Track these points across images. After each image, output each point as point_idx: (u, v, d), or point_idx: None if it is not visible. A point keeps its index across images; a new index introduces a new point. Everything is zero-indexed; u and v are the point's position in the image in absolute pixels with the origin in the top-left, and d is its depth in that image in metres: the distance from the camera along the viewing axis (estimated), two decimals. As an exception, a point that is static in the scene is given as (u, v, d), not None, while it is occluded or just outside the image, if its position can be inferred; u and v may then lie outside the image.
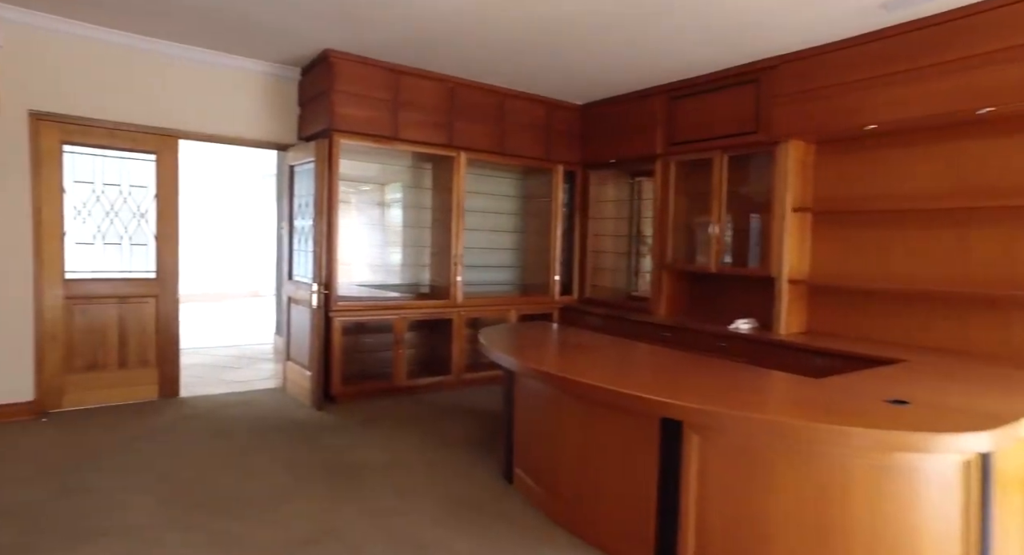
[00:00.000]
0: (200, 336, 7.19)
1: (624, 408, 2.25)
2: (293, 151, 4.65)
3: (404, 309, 4.67)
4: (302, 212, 4.62)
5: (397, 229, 5.18)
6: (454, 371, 4.95)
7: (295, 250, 4.76)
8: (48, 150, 3.91)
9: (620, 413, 2.32)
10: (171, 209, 4.35)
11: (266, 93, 4.56)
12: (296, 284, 4.64)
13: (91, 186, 4.10)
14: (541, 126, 5.22)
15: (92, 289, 4.10)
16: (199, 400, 4.43)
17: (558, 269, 5.52)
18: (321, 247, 4.19)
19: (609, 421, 2.40)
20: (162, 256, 4.34)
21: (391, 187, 5.16)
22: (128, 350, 4.25)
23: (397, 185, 5.15)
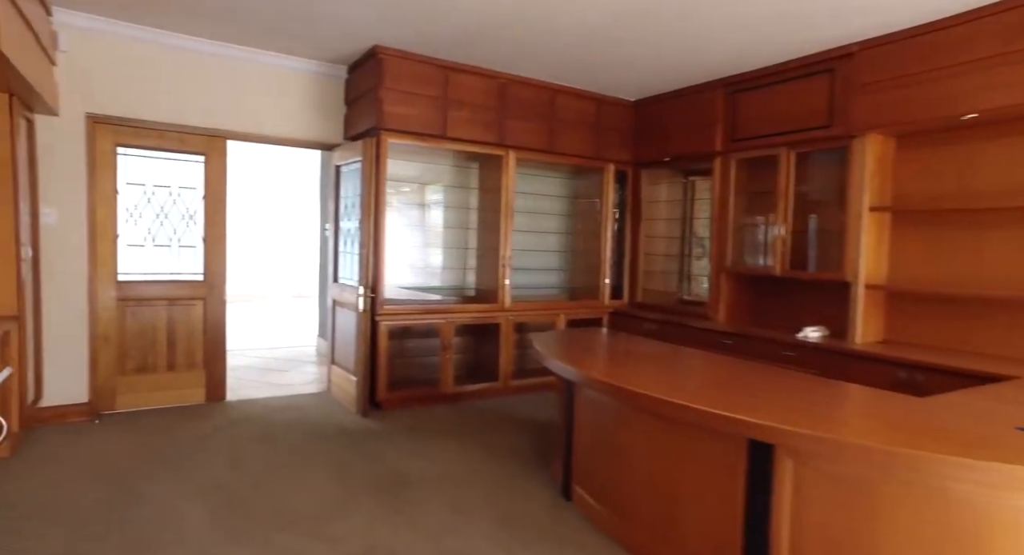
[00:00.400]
0: (244, 337, 7.23)
1: (705, 427, 2.04)
2: (339, 151, 4.58)
3: (451, 313, 4.54)
4: (348, 213, 4.53)
5: (440, 230, 5.06)
6: (501, 378, 4.80)
7: (340, 252, 4.68)
8: (103, 152, 3.91)
9: (699, 431, 2.12)
10: (219, 211, 4.31)
11: (313, 92, 4.49)
12: (341, 287, 4.56)
13: (142, 188, 4.09)
14: (591, 123, 5.03)
15: (142, 291, 4.09)
16: (245, 404, 4.38)
17: (608, 272, 5.32)
18: (367, 249, 4.09)
19: (686, 439, 2.19)
20: (210, 258, 4.31)
21: (433, 187, 5.03)
22: (176, 352, 4.23)
23: (439, 185, 5.03)
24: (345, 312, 4.48)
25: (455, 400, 4.63)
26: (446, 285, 5.08)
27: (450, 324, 4.51)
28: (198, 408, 4.22)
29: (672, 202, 5.44)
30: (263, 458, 3.32)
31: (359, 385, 4.16)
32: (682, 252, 5.43)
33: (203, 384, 4.33)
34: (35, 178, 3.63)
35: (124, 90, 3.87)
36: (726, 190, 4.48)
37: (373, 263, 4.15)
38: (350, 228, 4.47)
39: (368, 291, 4.09)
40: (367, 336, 4.13)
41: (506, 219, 4.74)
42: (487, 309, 4.72)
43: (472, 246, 5.13)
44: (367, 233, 4.09)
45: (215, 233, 4.31)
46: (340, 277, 4.67)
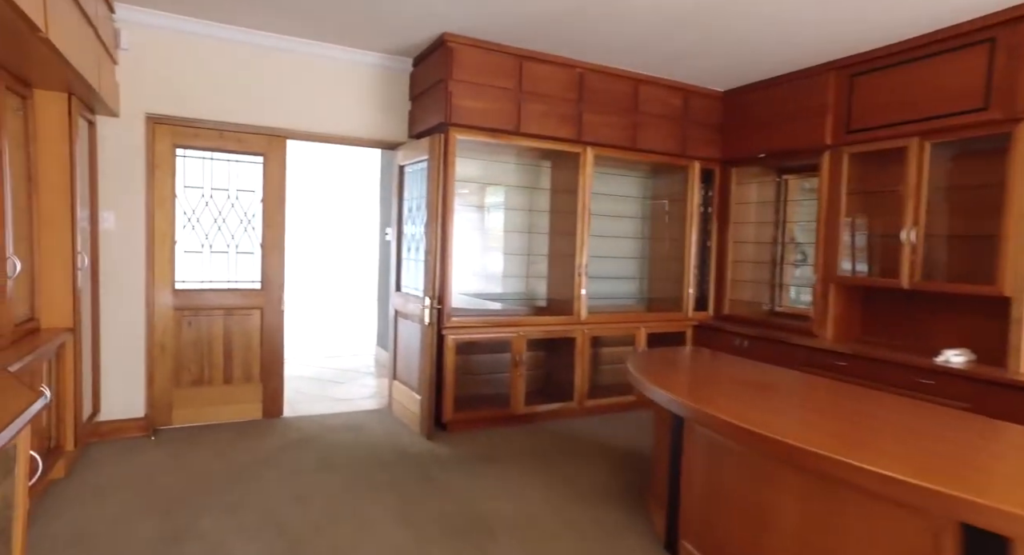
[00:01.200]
0: (301, 346, 7.05)
1: (884, 495, 1.56)
2: (403, 150, 4.26)
3: (522, 326, 4.14)
4: (412, 217, 4.21)
5: (505, 234, 4.66)
6: (576, 397, 4.37)
7: (403, 259, 4.35)
8: (161, 154, 3.72)
9: (875, 500, 1.64)
10: (278, 214, 4.06)
11: (376, 88, 4.19)
12: (404, 296, 4.23)
13: (200, 191, 3.88)
14: (677, 117, 4.54)
15: (199, 300, 3.88)
16: (304, 421, 4.11)
17: (692, 281, 4.81)
18: (434, 256, 3.74)
19: (854, 507, 1.71)
20: (267, 265, 4.06)
21: (496, 188, 4.64)
22: (233, 365, 4.00)
23: (504, 186, 4.64)
24: (408, 324, 4.15)
25: (526, 421, 4.22)
26: (512, 294, 4.69)
27: (521, 338, 4.12)
28: (255, 425, 3.97)
29: (763, 204, 4.88)
30: (324, 491, 3.00)
31: (424, 405, 3.81)
32: (773, 259, 4.86)
33: (260, 399, 4.09)
34: (95, 182, 3.45)
35: (184, 89, 3.66)
36: (836, 189, 3.91)
37: (440, 271, 3.80)
38: (414, 233, 4.14)
39: (434, 302, 3.74)
40: (432, 351, 3.78)
41: (583, 223, 4.31)
42: (561, 322, 4.30)
43: (542, 252, 4.73)
44: (433, 239, 3.74)
45: (273, 238, 4.06)
46: (403, 286, 4.34)
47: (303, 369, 5.73)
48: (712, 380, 2.71)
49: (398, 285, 4.39)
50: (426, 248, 3.81)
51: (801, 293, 4.76)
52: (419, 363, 3.90)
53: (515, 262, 4.70)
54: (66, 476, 3.04)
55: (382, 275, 6.24)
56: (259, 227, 4.03)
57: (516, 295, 4.70)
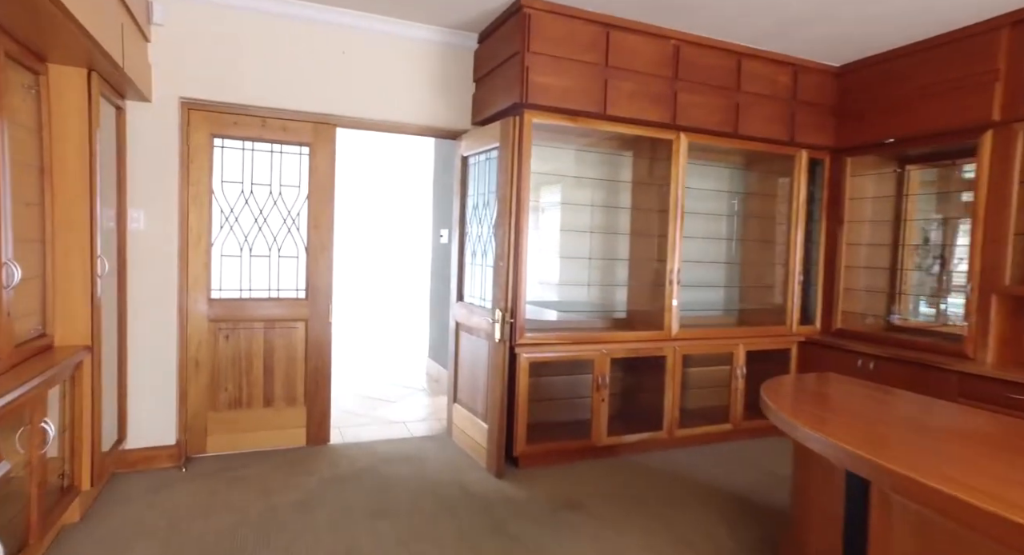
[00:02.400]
0: (348, 359, 6.59)
1: None
2: (467, 139, 3.71)
3: (606, 343, 3.53)
4: (477, 216, 3.65)
5: (575, 235, 4.05)
6: (666, 425, 3.73)
7: (466, 264, 3.80)
8: (197, 145, 3.26)
9: None
10: (324, 214, 3.56)
11: (435, 68, 3.66)
12: (468, 308, 3.67)
13: (238, 187, 3.41)
14: (784, 98, 3.86)
15: (238, 310, 3.40)
16: (353, 449, 3.59)
17: (797, 290, 4.11)
18: (506, 261, 3.17)
19: None
20: (313, 271, 3.56)
21: (568, 182, 4.03)
22: (274, 384, 3.51)
23: (578, 179, 4.03)
24: (472, 339, 3.59)
25: (609, 454, 3.61)
26: (585, 304, 4.08)
27: (605, 357, 3.50)
28: (299, 454, 3.47)
29: (880, 199, 4.15)
30: (379, 544, 2.45)
31: (493, 436, 3.24)
32: (894, 264, 4.13)
33: (304, 423, 3.58)
34: (123, 177, 3.01)
35: (223, 69, 3.19)
36: (1005, 177, 3.17)
37: (513, 280, 3.23)
38: (480, 234, 3.58)
39: (507, 315, 3.17)
40: (503, 374, 3.20)
41: (675, 222, 3.68)
42: (650, 337, 3.66)
43: (620, 255, 4.10)
44: (505, 241, 3.17)
45: (319, 240, 3.56)
46: (466, 295, 3.79)
47: (351, 385, 5.24)
48: (893, 423, 2.04)
49: (460, 294, 3.84)
50: (496, 252, 3.25)
51: (927, 303, 4.01)
52: (486, 385, 3.33)
53: (588, 268, 4.08)
54: (81, 520, 2.58)
55: (435, 281, 5.71)
56: (304, 227, 3.54)
57: (589, 305, 4.09)
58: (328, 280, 3.60)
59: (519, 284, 3.26)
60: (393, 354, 6.76)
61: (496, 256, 3.25)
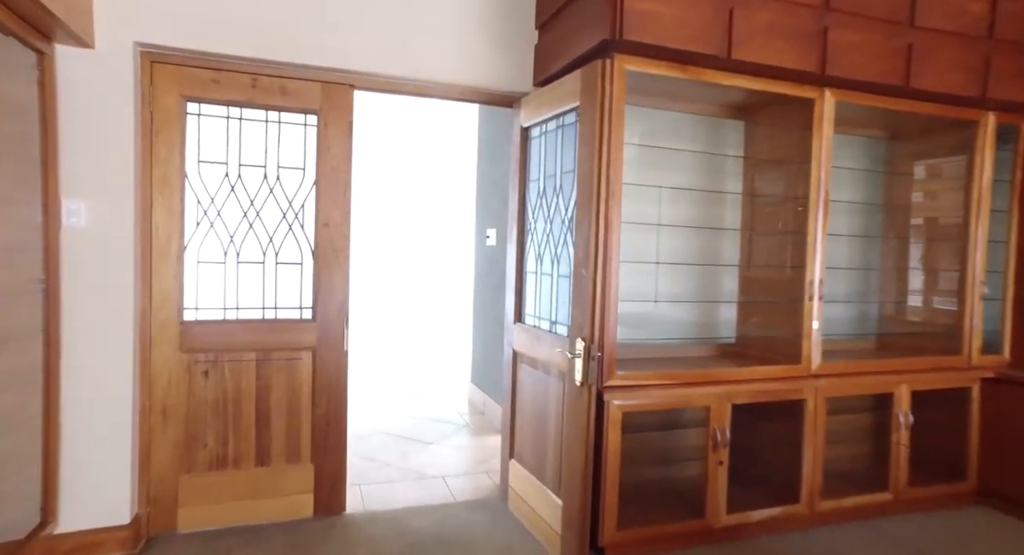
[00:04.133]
0: (371, 384, 5.70)
1: None
2: (528, 105, 2.75)
3: (725, 382, 2.50)
4: (543, 208, 2.68)
5: (659, 232, 3.01)
6: (805, 496, 2.67)
7: (527, 272, 2.83)
8: (165, 111, 2.39)
9: None
10: (339, 206, 2.65)
11: (487, 8, 2.72)
12: (531, 333, 2.70)
13: (222, 169, 2.52)
14: (976, 35, 2.76)
15: (221, 337, 2.51)
16: (376, 523, 2.65)
17: (978, 306, 3.00)
18: (591, 269, 2.19)
19: None
20: (323, 282, 2.64)
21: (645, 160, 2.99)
22: (271, 436, 2.60)
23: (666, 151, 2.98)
24: (537, 376, 2.62)
25: (729, 537, 2.57)
26: (676, 324, 3.04)
27: (724, 403, 2.48)
28: (303, 530, 2.55)
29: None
30: None
31: (573, 522, 2.25)
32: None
33: (310, 487, 2.66)
34: (51, 152, 2.15)
35: (199, 5, 2.32)
36: None
37: (601, 296, 2.23)
38: (549, 232, 2.61)
39: (592, 347, 2.19)
40: (589, 430, 2.22)
41: (818, 215, 2.64)
42: (782, 374, 2.62)
43: (727, 260, 3.07)
44: (590, 241, 2.19)
45: (332, 242, 2.64)
46: (527, 314, 2.81)
47: (375, 419, 4.33)
48: None
49: (518, 313, 2.87)
50: (576, 256, 2.27)
51: None
52: (557, 442, 2.36)
53: (677, 276, 3.04)
54: None
55: (480, 291, 4.77)
56: (310, 225, 2.63)
57: (682, 328, 3.05)
58: (343, 294, 2.68)
59: (608, 302, 2.26)
60: (428, 379, 5.83)
61: (575, 262, 2.28)
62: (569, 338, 2.30)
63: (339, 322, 2.68)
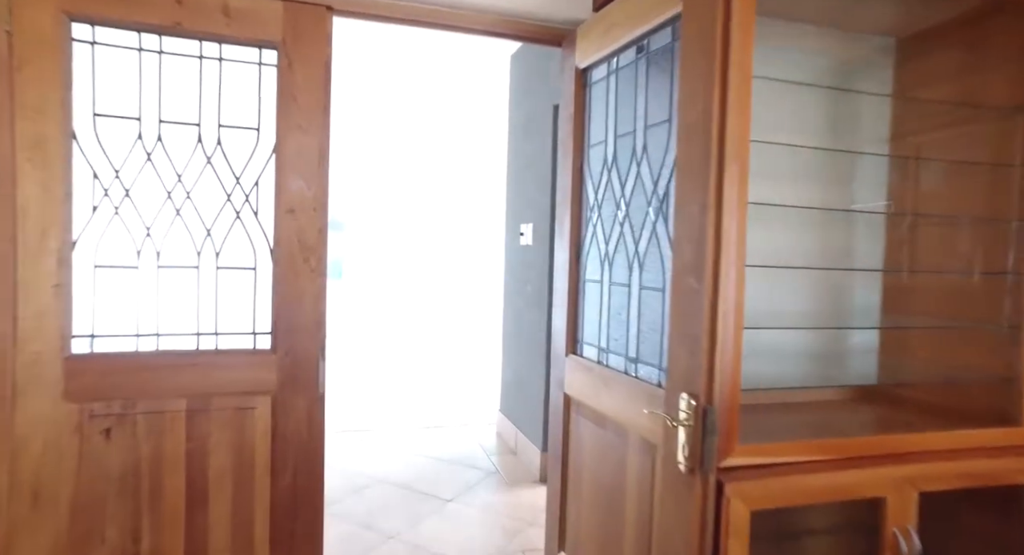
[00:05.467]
0: (374, 411, 4.89)
1: None
2: (586, 36, 1.87)
3: (909, 459, 1.58)
4: (614, 181, 1.79)
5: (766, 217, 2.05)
6: (1023, 632, 1.72)
7: (584, 282, 1.93)
8: (33, 33, 1.57)
9: None
10: (313, 183, 1.81)
11: None
12: (597, 374, 1.80)
13: (132, 127, 1.69)
14: None
15: (131, 378, 1.68)
16: (362, 655, 1.80)
17: None
18: (708, 281, 1.30)
19: None
20: (288, 294, 1.80)
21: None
22: (207, 524, 1.76)
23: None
24: (607, 440, 1.73)
25: None
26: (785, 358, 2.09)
27: (908, 492, 1.55)
28: None
29: None
30: None
31: None
32: None
33: (271, 598, 1.82)
34: None
35: None
36: None
37: (720, 322, 1.33)
38: (624, 219, 1.71)
39: (699, 406, 1.29)
40: (701, 541, 1.32)
41: (1048, 189, 1.69)
42: (992, 443, 1.68)
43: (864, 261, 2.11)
44: (705, 233, 1.30)
45: (302, 235, 1.80)
46: (585, 342, 1.92)
47: (378, 460, 3.49)
48: None
49: (573, 341, 1.97)
50: (678, 258, 1.38)
51: None
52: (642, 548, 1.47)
53: (784, 284, 2.09)
54: None
55: (511, 301, 3.90)
56: (268, 211, 1.79)
57: (794, 357, 2.10)
58: (318, 311, 1.83)
59: (730, 332, 1.35)
60: (446, 404, 4.98)
61: (677, 267, 1.38)
62: (666, 390, 1.41)
63: (311, 353, 1.83)
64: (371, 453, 3.55)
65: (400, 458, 3.50)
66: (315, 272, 1.83)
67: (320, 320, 1.85)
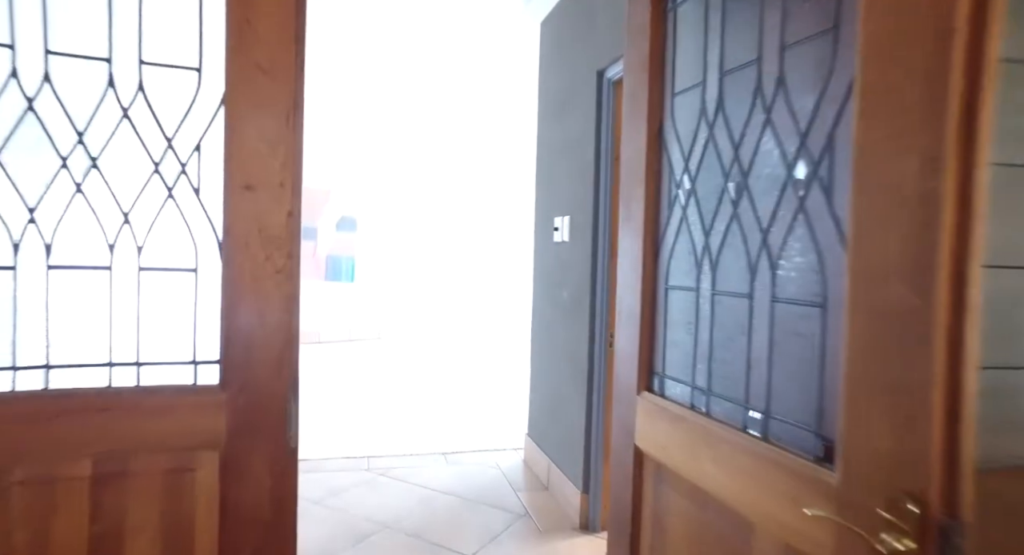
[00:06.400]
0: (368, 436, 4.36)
1: None
2: (673, -71, 1.29)
3: None
4: (716, 139, 1.21)
5: None
6: None
7: (667, 289, 1.35)
8: None
9: None
10: (276, 146, 1.26)
11: None
12: (692, 425, 1.23)
13: (4, 58, 1.16)
14: None
15: (9, 429, 1.15)
16: None
17: None
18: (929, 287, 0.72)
19: None
20: (245, 308, 1.25)
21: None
22: (129, 639, 1.23)
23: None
24: (715, 530, 1.14)
25: None
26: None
27: None
28: None
29: None
30: None
31: None
32: None
33: None
34: None
35: None
36: None
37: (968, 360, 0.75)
38: (744, 193, 1.13)
39: (935, 515, 0.70)
40: None
41: None
42: None
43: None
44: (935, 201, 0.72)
45: (260, 221, 1.26)
46: (667, 376, 1.34)
47: (385, 494, 2.94)
48: None
49: (648, 373, 1.39)
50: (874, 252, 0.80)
51: None
52: None
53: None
54: None
55: (541, 308, 3.34)
56: (215, 187, 1.25)
57: None
58: (287, 330, 1.29)
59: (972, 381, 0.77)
60: (465, 424, 4.42)
61: (864, 269, 0.80)
62: (841, 477, 0.83)
63: (277, 389, 1.29)
64: (378, 488, 3.01)
65: (412, 495, 2.95)
66: (283, 274, 1.29)
67: (290, 342, 1.30)
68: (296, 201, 1.30)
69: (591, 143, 2.62)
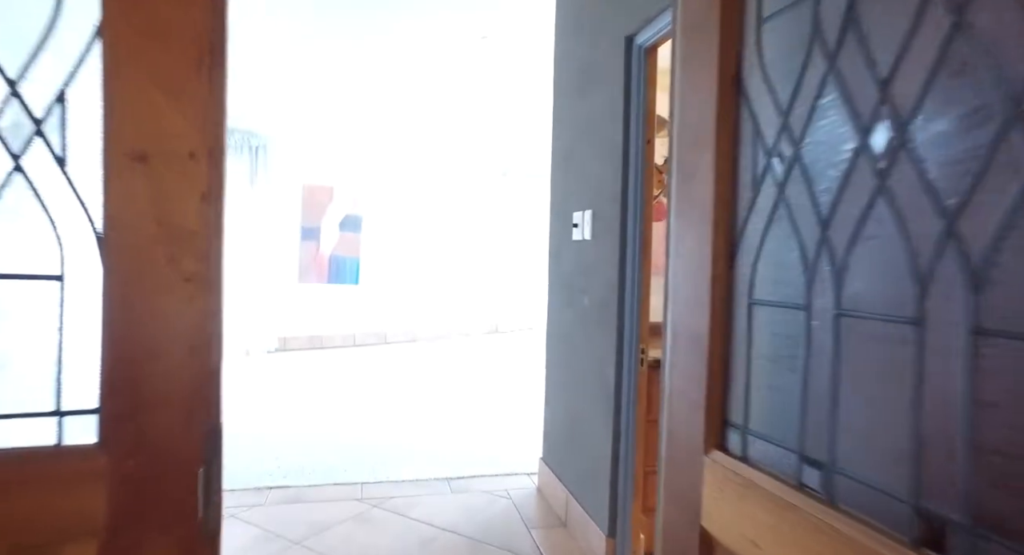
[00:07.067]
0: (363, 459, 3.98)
1: None
2: None
3: None
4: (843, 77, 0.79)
5: None
6: None
7: (749, 305, 0.94)
8: None
9: None
10: (189, 94, 0.87)
11: None
12: (809, 520, 0.81)
13: None
14: None
15: None
16: None
17: None
18: None
19: None
20: (135, 329, 0.86)
21: None
22: None
23: None
24: None
25: None
26: None
27: None
28: None
29: None
30: None
31: None
32: None
33: None
34: None
35: None
36: None
37: None
38: (878, 162, 0.72)
39: None
40: None
41: None
42: None
43: None
44: None
45: (162, 201, 0.86)
46: (749, 430, 0.92)
47: (377, 533, 2.54)
48: None
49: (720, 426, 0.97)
50: None
51: None
52: None
53: None
54: None
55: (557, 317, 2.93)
56: (90, 160, 0.85)
57: None
58: (204, 362, 0.89)
59: None
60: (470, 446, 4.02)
61: None
62: None
63: (188, 447, 0.89)
64: (370, 524, 2.62)
65: (410, 534, 2.55)
66: (195, 284, 0.89)
67: (208, 379, 0.91)
68: (216, 178, 0.91)
69: (619, 123, 2.21)
